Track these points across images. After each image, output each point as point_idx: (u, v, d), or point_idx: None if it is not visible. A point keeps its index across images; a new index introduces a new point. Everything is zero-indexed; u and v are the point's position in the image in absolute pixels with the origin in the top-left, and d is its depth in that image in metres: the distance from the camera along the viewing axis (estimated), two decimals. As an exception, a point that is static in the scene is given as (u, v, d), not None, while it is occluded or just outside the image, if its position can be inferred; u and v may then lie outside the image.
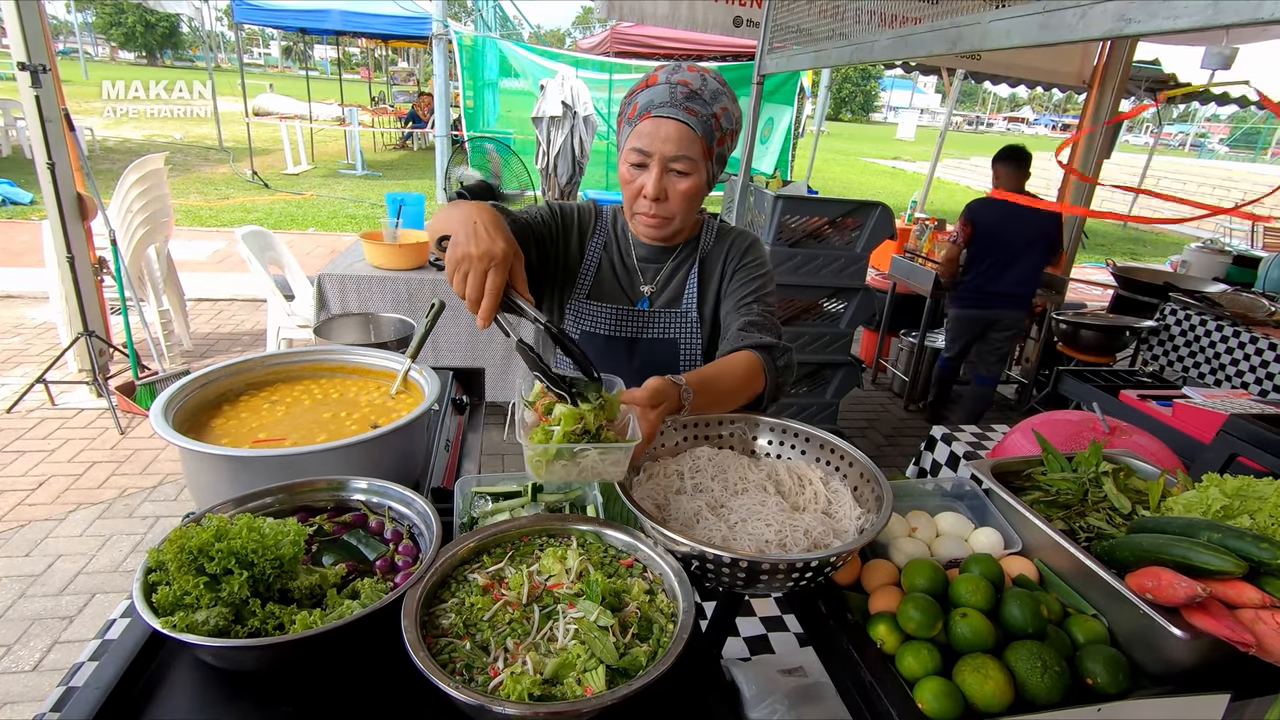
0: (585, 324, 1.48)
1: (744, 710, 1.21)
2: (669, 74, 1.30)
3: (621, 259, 1.51)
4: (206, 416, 1.62)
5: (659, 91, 1.28)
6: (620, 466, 0.97)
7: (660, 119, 1.26)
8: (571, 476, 0.96)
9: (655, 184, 1.30)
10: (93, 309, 4.09)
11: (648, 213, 1.35)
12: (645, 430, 1.00)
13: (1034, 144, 5.82)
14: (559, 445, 0.92)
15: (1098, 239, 13.00)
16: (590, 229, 1.53)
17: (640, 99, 1.31)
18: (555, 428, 0.94)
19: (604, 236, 1.53)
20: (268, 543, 0.87)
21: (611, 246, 1.52)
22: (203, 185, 11.10)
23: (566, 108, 6.51)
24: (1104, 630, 0.96)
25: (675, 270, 1.50)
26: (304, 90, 14.67)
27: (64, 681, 1.18)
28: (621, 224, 1.53)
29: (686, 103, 1.26)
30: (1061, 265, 4.27)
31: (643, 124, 1.28)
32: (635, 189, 1.33)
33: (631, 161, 1.31)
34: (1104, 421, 1.79)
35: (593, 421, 0.95)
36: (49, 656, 2.41)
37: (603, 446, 0.94)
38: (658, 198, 1.31)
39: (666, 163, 1.29)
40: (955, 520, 1.19)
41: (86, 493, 3.31)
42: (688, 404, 1.12)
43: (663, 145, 1.27)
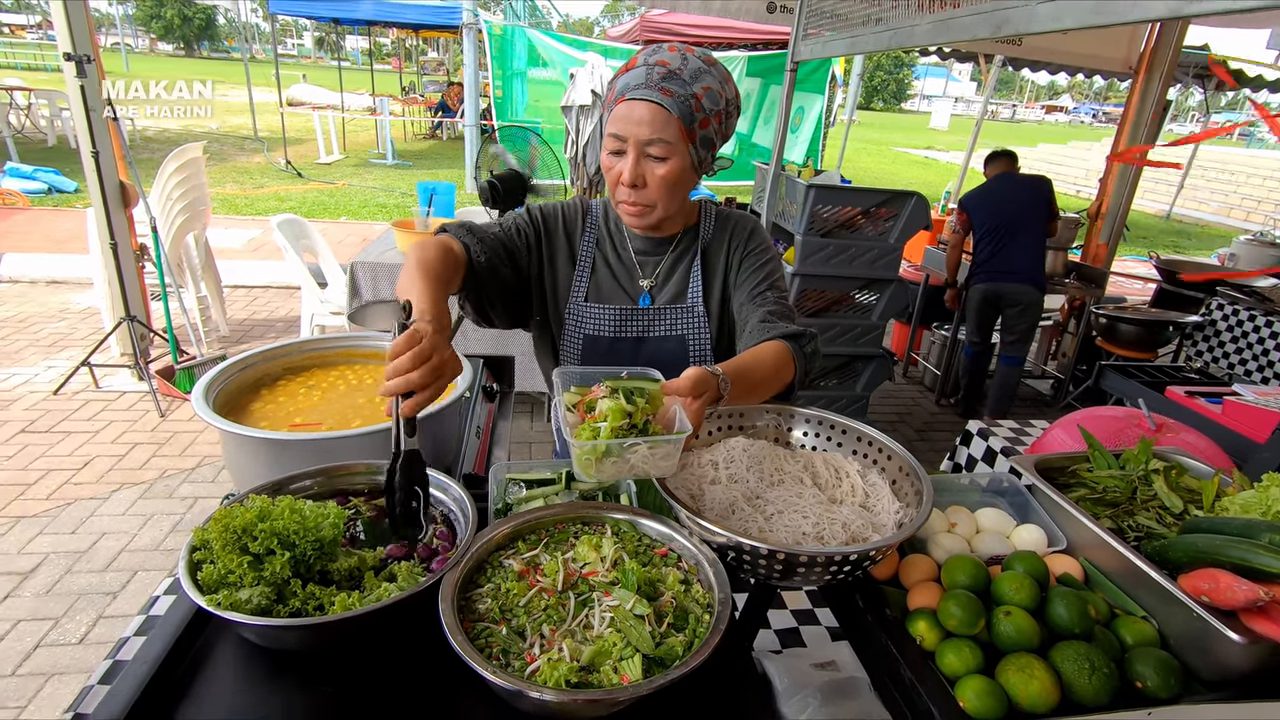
0: (588, 327, 1.42)
1: (775, 703, 1.19)
2: (648, 55, 1.24)
3: (617, 254, 1.45)
4: (246, 400, 1.65)
5: (635, 74, 1.22)
6: (671, 460, 0.94)
7: (634, 101, 1.20)
8: (622, 473, 0.93)
9: (631, 169, 1.23)
10: (134, 295, 4.19)
11: (628, 200, 1.29)
12: (690, 421, 0.97)
13: (1074, 133, 5.65)
14: (608, 442, 0.89)
15: (1140, 231, 12.61)
16: (579, 228, 1.46)
17: (618, 83, 1.25)
18: (602, 424, 0.91)
19: (595, 233, 1.46)
20: (309, 524, 0.88)
21: (605, 243, 1.46)
22: (238, 174, 11.31)
23: (596, 96, 6.49)
24: (1154, 633, 0.93)
25: (675, 263, 1.44)
26: (336, 80, 14.86)
27: (111, 655, 1.22)
28: (614, 218, 1.46)
29: (662, 83, 1.20)
30: (1056, 230, 4.36)
31: (618, 108, 1.23)
32: (614, 176, 1.27)
33: (609, 149, 1.26)
34: (1150, 418, 1.74)
35: (639, 416, 0.93)
36: (94, 630, 2.49)
37: (652, 440, 0.91)
38: (634, 184, 1.25)
39: (642, 147, 1.22)
40: (996, 516, 1.17)
41: (128, 473, 3.40)
42: (726, 393, 1.09)
43: (636, 129, 1.20)
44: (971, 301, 4.44)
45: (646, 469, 0.94)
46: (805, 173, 3.99)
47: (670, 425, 0.97)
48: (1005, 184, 4.27)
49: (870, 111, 49.20)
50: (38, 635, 2.44)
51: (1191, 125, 34.12)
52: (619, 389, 0.96)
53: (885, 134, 30.89)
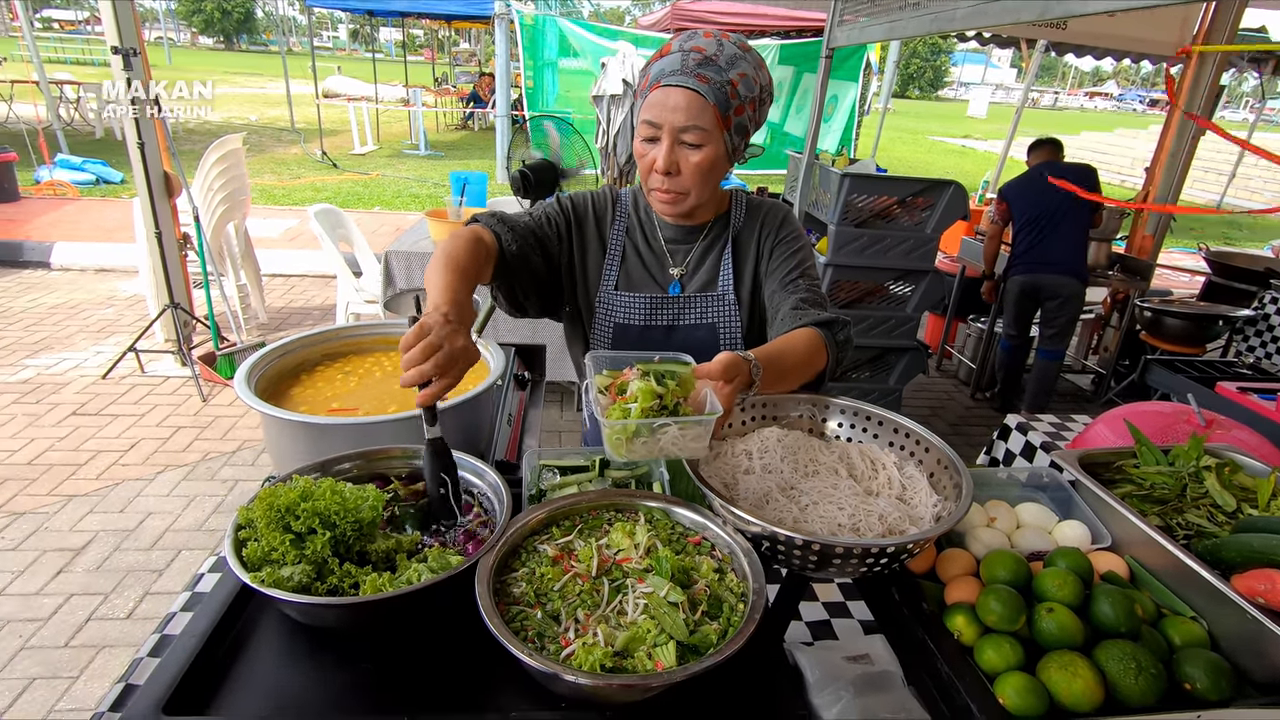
0: (618, 315, 1.42)
1: (807, 695, 1.18)
2: (683, 41, 1.23)
3: (647, 242, 1.45)
4: (286, 385, 1.68)
5: (670, 60, 1.21)
6: (701, 442, 0.94)
7: (669, 88, 1.19)
8: (652, 453, 0.93)
9: (665, 157, 1.22)
10: (178, 283, 4.31)
11: (661, 187, 1.28)
12: (722, 405, 0.96)
13: (1119, 120, 5.47)
14: (638, 422, 0.89)
15: (1188, 222, 12.17)
16: (609, 217, 1.46)
17: (653, 69, 1.23)
18: (633, 405, 0.91)
19: (625, 221, 1.46)
20: (349, 505, 0.90)
21: (635, 231, 1.46)
22: (276, 165, 11.54)
23: (627, 85, 6.46)
24: (1203, 633, 0.90)
25: (706, 251, 1.43)
26: (370, 72, 15.02)
27: (159, 629, 1.26)
28: (644, 205, 1.46)
29: (698, 70, 1.18)
30: (1100, 221, 4.21)
31: (653, 94, 1.21)
32: (648, 163, 1.26)
33: (643, 135, 1.25)
34: (1199, 414, 1.68)
35: (670, 398, 0.93)
36: (141, 606, 2.58)
37: (682, 421, 0.91)
38: (668, 171, 1.25)
39: (677, 134, 1.21)
40: (1037, 511, 1.14)
41: (172, 455, 3.51)
42: (758, 379, 1.07)
43: (671, 115, 1.19)
44: (1009, 294, 4.34)
45: (677, 450, 0.94)
46: (839, 161, 3.92)
47: (701, 408, 0.97)
48: (1047, 173, 4.15)
49: (905, 99, 48.21)
50: (89, 609, 2.54)
51: (1245, 112, 32.74)
52: (650, 372, 0.96)
53: (921, 122, 30.26)
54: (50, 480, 3.24)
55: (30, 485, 3.19)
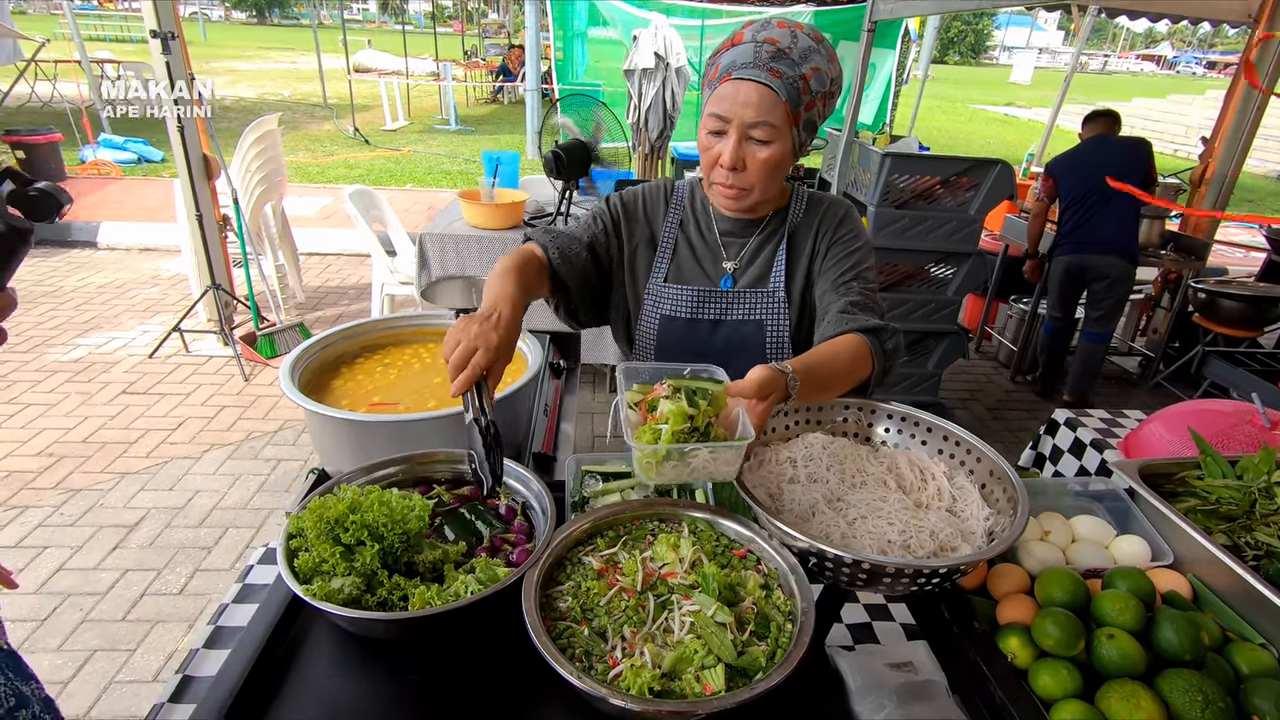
0: (665, 308, 1.40)
1: (849, 702, 1.18)
2: (755, 31, 1.18)
3: (701, 235, 1.42)
4: (328, 378, 1.71)
5: (742, 51, 1.16)
6: (732, 466, 0.93)
7: (740, 81, 1.15)
8: (682, 477, 0.92)
9: (732, 152, 1.19)
10: (218, 263, 4.39)
11: (725, 183, 1.25)
12: (754, 424, 0.95)
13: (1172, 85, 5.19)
14: (669, 446, 0.88)
15: (1245, 194, 11.60)
16: (662, 210, 1.45)
17: (723, 59, 1.19)
18: (663, 426, 0.90)
19: (680, 214, 1.44)
20: (395, 517, 0.91)
21: (689, 224, 1.44)
22: (310, 142, 11.63)
23: (659, 59, 6.34)
24: (1274, 662, 0.87)
25: (761, 245, 1.40)
26: (400, 45, 14.98)
27: (213, 620, 1.30)
28: (701, 198, 1.44)
29: (771, 63, 1.14)
30: (1153, 196, 3.96)
31: (722, 87, 1.17)
32: (712, 157, 1.23)
33: (709, 128, 1.21)
34: (1264, 415, 1.60)
35: (701, 419, 0.91)
36: (192, 582, 2.68)
37: (714, 446, 0.89)
38: (734, 167, 1.22)
39: (745, 129, 1.18)
40: (1094, 525, 1.10)
41: (218, 434, 3.61)
42: (794, 392, 1.04)
43: (741, 110, 1.16)
44: (1054, 274, 4.19)
45: (707, 474, 0.93)
46: (880, 140, 3.80)
47: (733, 428, 0.95)
48: (1098, 147, 3.97)
49: (944, 66, 46.51)
50: (143, 585, 2.64)
51: (1311, 74, 30.86)
52: (681, 389, 0.94)
53: (961, 90, 29.20)
54: (104, 458, 3.36)
55: (85, 463, 3.31)
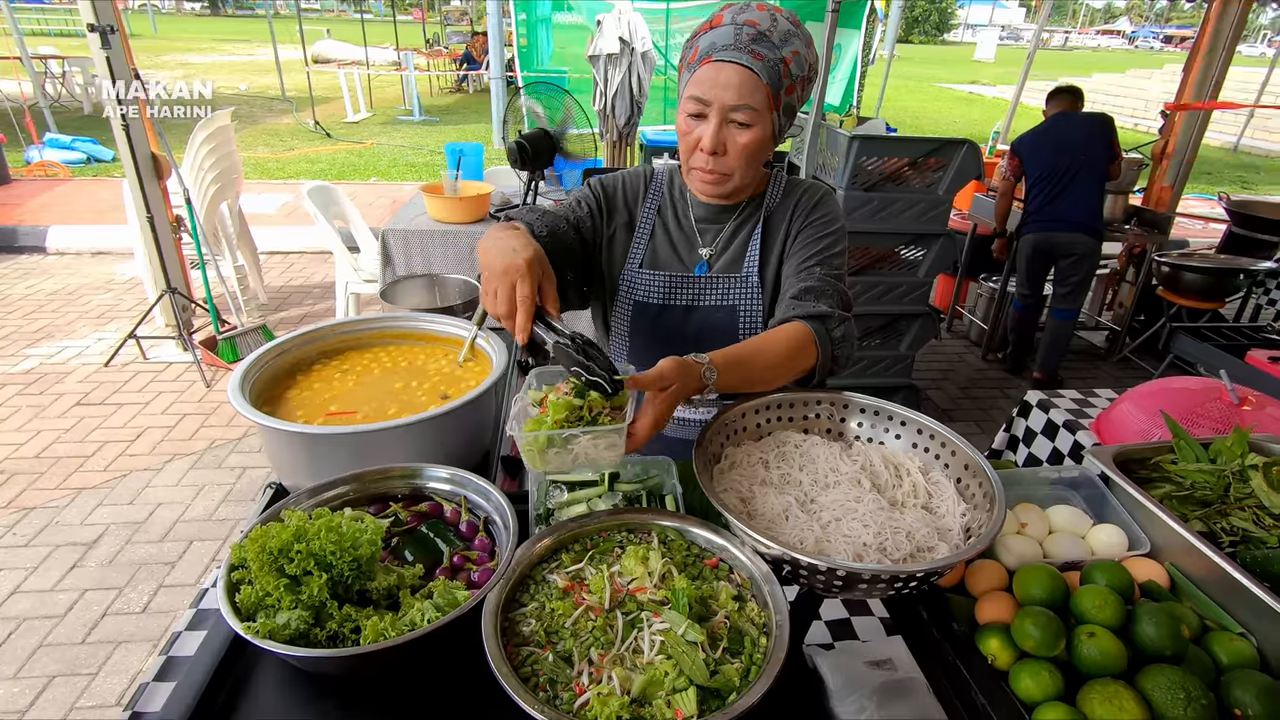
0: (638, 294, 1.39)
1: (829, 703, 1.15)
2: (735, 13, 1.15)
3: (678, 221, 1.41)
4: (282, 388, 1.63)
5: (722, 33, 1.14)
6: (616, 451, 0.92)
7: (721, 64, 1.12)
8: (566, 465, 0.93)
9: (713, 136, 1.17)
10: (174, 266, 4.24)
11: (704, 167, 1.23)
12: (653, 414, 0.94)
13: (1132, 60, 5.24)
14: (549, 433, 0.90)
15: (1204, 167, 11.83)
16: (641, 195, 1.43)
17: (702, 42, 1.16)
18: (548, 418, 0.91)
19: (658, 200, 1.42)
20: (345, 544, 0.85)
21: (666, 210, 1.41)
22: (268, 137, 11.31)
23: (624, 44, 6.24)
24: (1253, 652, 0.86)
25: (736, 231, 1.38)
26: (359, 34, 14.61)
27: (165, 649, 1.23)
28: (679, 184, 1.42)
29: (752, 45, 1.12)
30: (1118, 172, 4.06)
31: (702, 70, 1.15)
32: (692, 141, 1.21)
33: (689, 111, 1.18)
34: (1232, 392, 1.61)
35: (587, 409, 0.92)
36: (156, 600, 2.59)
37: (593, 431, 0.90)
38: (715, 150, 1.19)
39: (726, 113, 1.15)
40: (1070, 515, 1.08)
41: (179, 444, 3.50)
42: (711, 383, 1.02)
43: (723, 93, 1.13)
44: (1022, 252, 4.22)
45: (593, 459, 0.94)
46: (847, 122, 3.77)
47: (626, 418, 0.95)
48: (1062, 125, 3.99)
49: (909, 45, 46.73)
50: (104, 605, 2.55)
51: (1262, 46, 31.60)
52: (576, 387, 0.95)
53: (927, 69, 29.35)
54: (59, 473, 3.23)
55: (39, 479, 3.18)
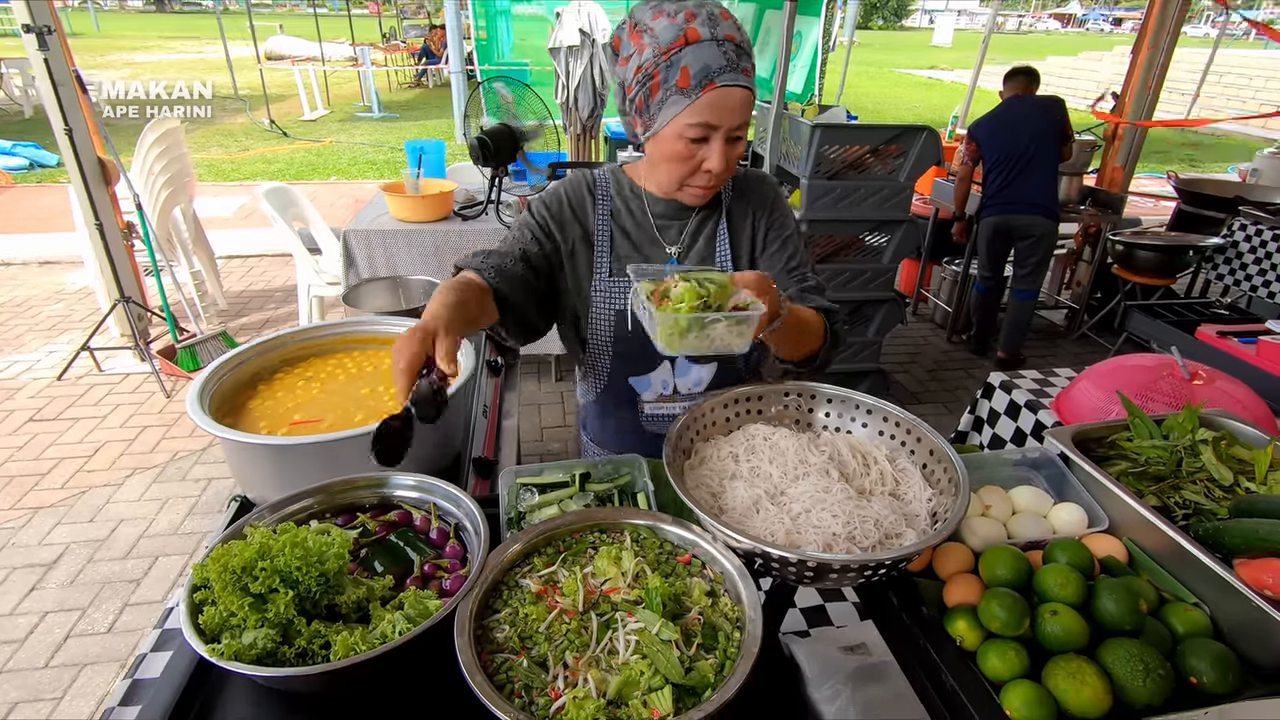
0: (618, 303, 1.35)
1: (805, 690, 1.17)
2: (709, 27, 1.12)
3: (635, 222, 1.38)
4: (243, 398, 1.59)
5: (710, 53, 1.11)
6: (745, 337, 0.99)
7: (729, 89, 1.12)
8: (703, 347, 0.99)
9: (722, 159, 1.17)
10: (126, 274, 4.11)
11: (707, 185, 1.25)
12: (770, 305, 1.00)
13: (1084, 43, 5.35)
14: (690, 317, 0.95)
15: (1152, 146, 12.18)
16: (589, 204, 1.38)
17: (689, 62, 1.11)
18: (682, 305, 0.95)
19: (608, 204, 1.37)
20: (311, 559, 0.83)
21: (620, 213, 1.38)
22: (223, 137, 11.01)
23: (584, 35, 6.19)
24: (1206, 621, 0.89)
25: (700, 226, 1.38)
26: (314, 29, 14.26)
27: (130, 672, 1.20)
28: (627, 184, 1.39)
29: (740, 62, 1.14)
30: (1070, 153, 4.17)
31: (707, 95, 1.12)
32: (694, 164, 1.20)
33: (690, 136, 1.16)
34: (1184, 367, 1.66)
35: (713, 299, 0.97)
36: (122, 618, 2.52)
37: (731, 316, 0.96)
38: (722, 171, 1.20)
39: (730, 132, 1.17)
40: (1033, 496, 1.11)
41: (140, 457, 3.40)
42: (784, 314, 1.08)
43: (729, 116, 1.14)
44: (982, 235, 4.31)
45: (726, 343, 0.99)
46: (809, 111, 3.80)
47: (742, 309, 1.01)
48: (1016, 108, 4.06)
49: (869, 31, 47.15)
50: (67, 626, 2.47)
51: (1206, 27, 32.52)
52: (690, 277, 0.98)
53: (886, 55, 29.66)
54: (13, 493, 3.12)
55: (-8, 500, 3.07)
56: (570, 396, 4.08)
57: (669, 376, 1.41)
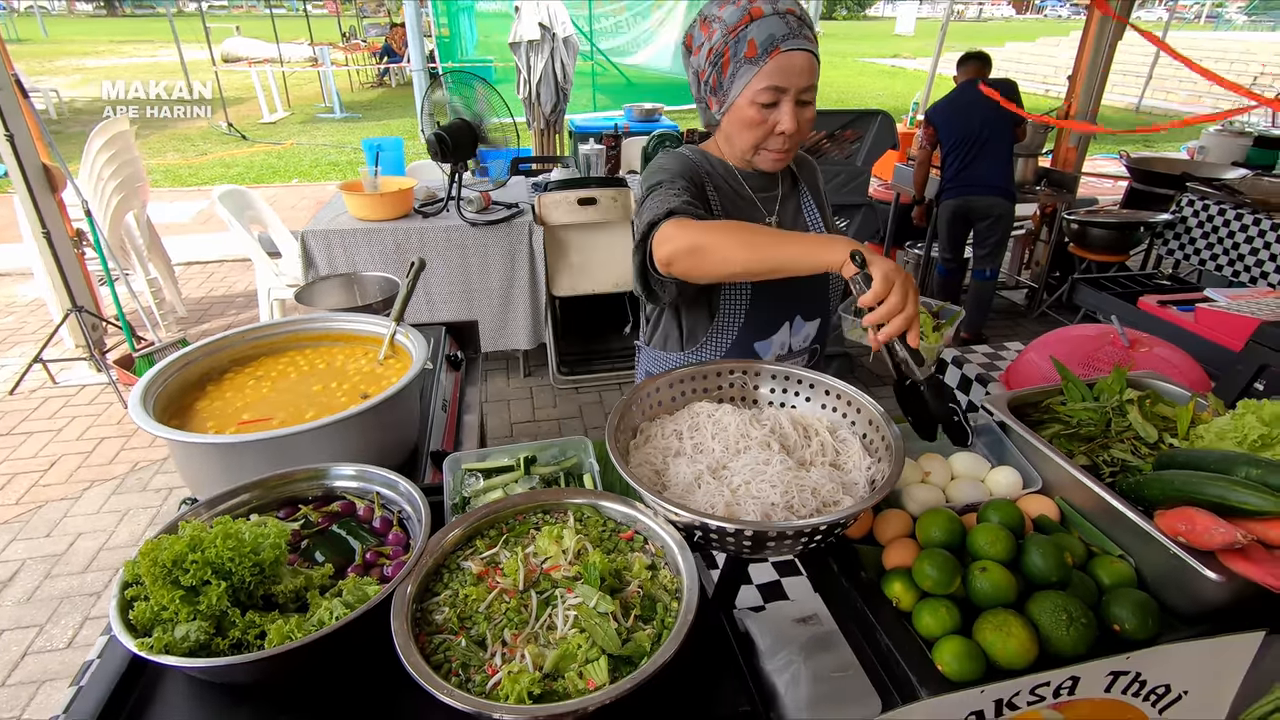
0: None
1: (759, 662, 1.19)
2: (770, 3, 1.24)
3: (738, 194, 1.47)
4: (190, 399, 1.57)
5: (774, 23, 1.23)
6: None
7: (793, 52, 1.23)
8: None
9: (793, 119, 1.27)
10: (78, 283, 4.00)
11: (782, 149, 1.34)
12: None
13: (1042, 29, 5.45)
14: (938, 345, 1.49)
15: (1109, 127, 12.44)
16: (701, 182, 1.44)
17: (755, 35, 1.23)
18: None
19: (713, 180, 1.45)
20: (245, 549, 0.83)
21: (724, 188, 1.46)
22: (179, 142, 10.75)
23: (544, 29, 6.15)
24: (1131, 572, 0.92)
25: (787, 197, 1.51)
26: (271, 30, 13.98)
27: (76, 680, 1.18)
28: (718, 163, 1.47)
29: (803, 30, 1.24)
30: (1024, 135, 4.29)
31: (773, 61, 1.23)
32: (769, 128, 1.30)
33: (762, 101, 1.27)
34: (1123, 334, 1.71)
35: None
36: (82, 633, 2.47)
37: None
38: (794, 132, 1.29)
39: (798, 95, 1.27)
40: (971, 461, 1.14)
41: (98, 469, 3.32)
42: None
43: (796, 79, 1.24)
44: (942, 218, 4.37)
45: None
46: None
47: None
48: (970, 92, 4.13)
49: (833, 21, 47.50)
50: (24, 644, 2.41)
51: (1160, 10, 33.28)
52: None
53: (851, 44, 29.90)
54: (-35, 511, 3.03)
55: (-58, 519, 2.98)
56: (540, 392, 4.07)
57: (787, 337, 1.50)
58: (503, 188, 4.16)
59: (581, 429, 3.74)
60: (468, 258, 3.65)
